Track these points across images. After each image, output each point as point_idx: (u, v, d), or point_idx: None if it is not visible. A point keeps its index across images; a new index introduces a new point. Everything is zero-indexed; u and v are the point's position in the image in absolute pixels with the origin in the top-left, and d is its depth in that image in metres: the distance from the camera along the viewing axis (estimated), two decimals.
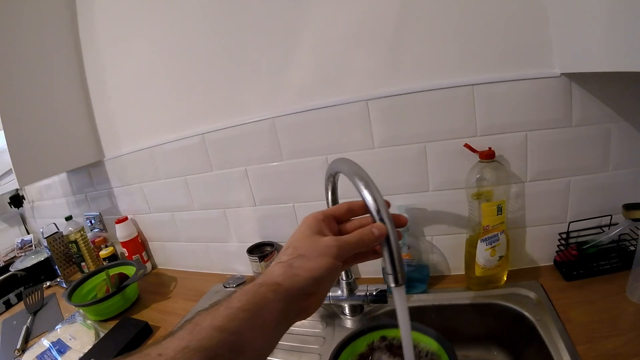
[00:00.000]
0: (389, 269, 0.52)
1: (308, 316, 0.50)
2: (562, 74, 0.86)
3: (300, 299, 0.46)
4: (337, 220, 0.55)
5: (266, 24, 1.04)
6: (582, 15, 0.72)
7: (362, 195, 0.52)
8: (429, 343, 0.78)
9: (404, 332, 0.55)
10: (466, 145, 0.93)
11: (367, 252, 0.54)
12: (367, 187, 0.52)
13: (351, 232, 0.52)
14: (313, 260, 0.46)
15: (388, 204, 0.52)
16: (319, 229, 0.51)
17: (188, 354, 0.36)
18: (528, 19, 0.86)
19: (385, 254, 0.52)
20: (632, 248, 0.92)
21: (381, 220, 0.51)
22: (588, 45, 0.73)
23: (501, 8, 0.86)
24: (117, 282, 1.29)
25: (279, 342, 0.87)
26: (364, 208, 0.53)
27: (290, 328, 0.48)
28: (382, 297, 0.95)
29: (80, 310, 1.28)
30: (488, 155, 0.91)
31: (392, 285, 0.53)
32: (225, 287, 1.28)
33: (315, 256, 0.47)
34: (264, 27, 1.05)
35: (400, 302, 0.53)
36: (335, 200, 0.84)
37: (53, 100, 1.37)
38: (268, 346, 0.44)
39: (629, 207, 0.91)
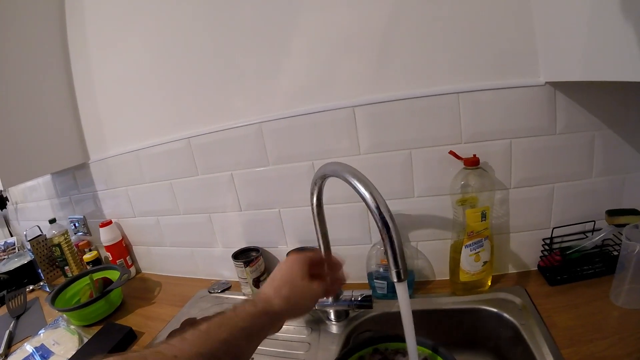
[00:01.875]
0: (392, 265, 0.58)
1: None
2: (546, 82, 0.87)
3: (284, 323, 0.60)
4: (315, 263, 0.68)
5: (255, 28, 1.04)
6: (566, 26, 0.74)
7: (361, 195, 0.60)
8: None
9: (407, 324, 0.61)
10: (451, 152, 0.94)
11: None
12: (366, 187, 0.59)
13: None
14: (307, 301, 0.61)
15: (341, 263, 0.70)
16: (308, 272, 0.64)
17: None
18: (514, 29, 0.87)
19: (388, 250, 0.57)
20: (615, 253, 0.93)
21: (380, 215, 0.57)
22: (571, 55, 0.74)
23: (488, 17, 0.87)
24: (101, 286, 1.27)
25: (265, 349, 0.92)
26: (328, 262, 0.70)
27: (276, 334, 0.60)
28: (367, 302, 0.95)
29: (64, 315, 1.26)
30: (473, 162, 0.91)
31: (395, 280, 0.58)
32: (210, 292, 1.27)
33: (308, 297, 0.61)
34: (253, 31, 1.04)
35: (403, 296, 0.60)
36: (319, 206, 0.84)
37: (39, 101, 1.34)
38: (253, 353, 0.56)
39: (612, 213, 0.92)
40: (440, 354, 0.75)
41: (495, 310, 0.92)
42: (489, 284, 0.99)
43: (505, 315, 0.90)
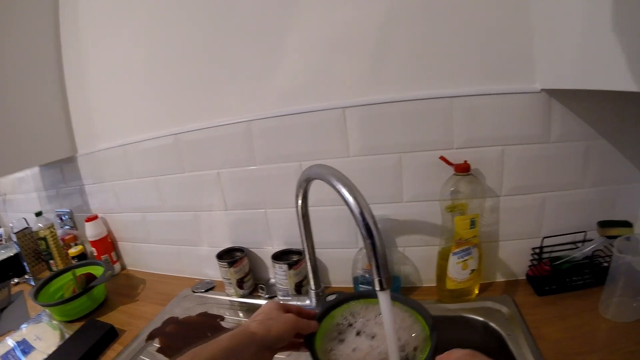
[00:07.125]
0: (375, 274, 0.56)
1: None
2: (542, 89, 0.86)
3: (266, 347, 0.63)
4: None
5: (248, 26, 1.02)
6: (563, 33, 0.73)
7: (345, 199, 0.58)
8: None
9: (389, 333, 0.59)
10: (442, 158, 0.92)
11: (293, 344, 0.69)
12: (351, 191, 0.58)
13: None
14: (279, 324, 0.64)
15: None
16: (283, 309, 0.69)
17: None
18: (512, 34, 0.85)
19: (371, 258, 0.56)
20: (605, 265, 0.92)
21: (364, 221, 0.56)
22: (568, 63, 0.73)
23: (485, 21, 0.86)
24: (83, 282, 1.25)
25: None
26: (305, 315, 0.71)
27: None
28: None
29: (47, 310, 1.24)
30: (463, 169, 0.90)
31: (377, 289, 0.57)
32: (194, 291, 1.25)
33: (282, 322, 0.65)
34: (245, 29, 1.02)
35: (385, 305, 0.59)
36: (305, 208, 0.82)
37: (28, 92, 1.32)
38: None
39: (603, 224, 0.91)
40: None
41: (481, 319, 0.91)
42: (476, 292, 0.98)
43: (492, 324, 0.89)
